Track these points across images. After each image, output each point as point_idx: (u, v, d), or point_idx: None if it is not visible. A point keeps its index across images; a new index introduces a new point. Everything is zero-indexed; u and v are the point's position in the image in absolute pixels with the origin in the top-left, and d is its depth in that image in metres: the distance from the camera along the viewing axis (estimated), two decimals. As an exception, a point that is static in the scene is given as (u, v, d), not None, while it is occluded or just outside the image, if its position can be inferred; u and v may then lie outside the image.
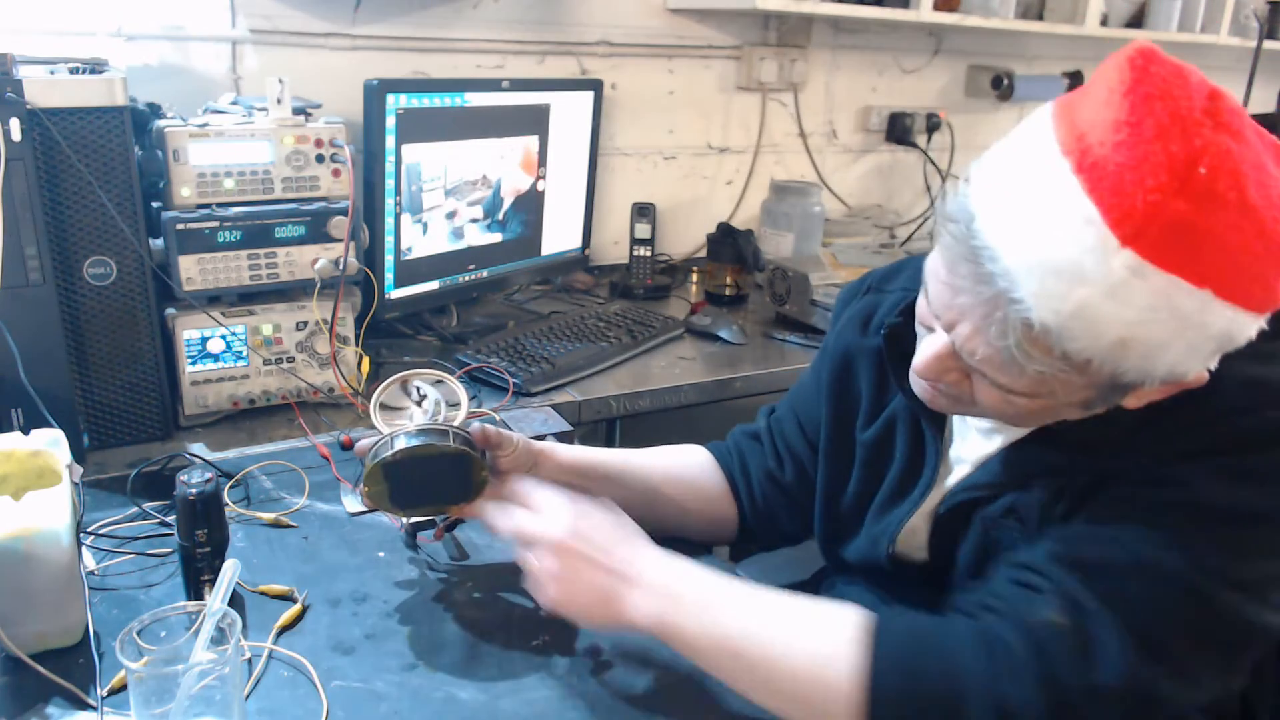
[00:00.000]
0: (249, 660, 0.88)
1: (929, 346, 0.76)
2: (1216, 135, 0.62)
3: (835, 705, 0.74)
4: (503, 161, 1.81)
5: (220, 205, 1.32)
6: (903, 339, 0.88)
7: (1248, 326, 0.66)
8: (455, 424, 0.92)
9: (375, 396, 0.95)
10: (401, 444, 0.88)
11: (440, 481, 0.89)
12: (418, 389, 0.95)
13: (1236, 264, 0.63)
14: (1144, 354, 0.65)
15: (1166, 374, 0.67)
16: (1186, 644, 0.71)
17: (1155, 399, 0.72)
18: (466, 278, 1.82)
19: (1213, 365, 0.69)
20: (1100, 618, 0.70)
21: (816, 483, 1.04)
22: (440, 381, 0.99)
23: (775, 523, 1.09)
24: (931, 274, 0.74)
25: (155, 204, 1.30)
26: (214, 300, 1.36)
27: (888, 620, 0.77)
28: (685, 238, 2.40)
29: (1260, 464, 0.70)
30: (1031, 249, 0.64)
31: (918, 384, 0.83)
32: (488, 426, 0.93)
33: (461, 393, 0.97)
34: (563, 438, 1.25)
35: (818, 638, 0.77)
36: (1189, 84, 0.64)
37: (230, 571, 0.80)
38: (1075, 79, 2.67)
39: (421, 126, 1.61)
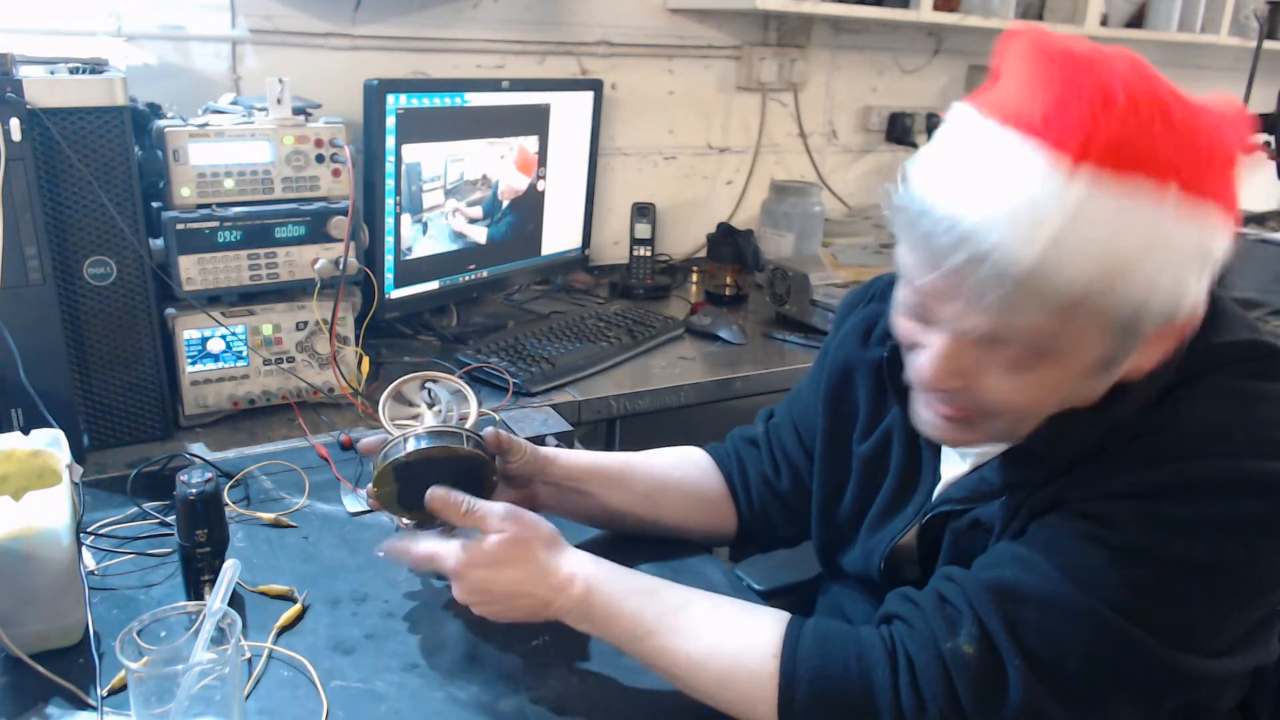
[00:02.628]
0: (249, 660, 0.88)
1: (930, 353, 0.72)
2: (1119, 66, 0.64)
3: (757, 707, 0.77)
4: (503, 162, 1.81)
5: (220, 205, 1.31)
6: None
7: (1217, 233, 0.66)
8: (467, 426, 0.92)
9: (384, 398, 0.94)
10: (414, 445, 0.87)
11: (451, 484, 0.89)
12: (429, 390, 0.95)
13: (1187, 161, 0.63)
14: (1124, 274, 0.63)
15: (1162, 305, 0.65)
16: (1094, 679, 0.70)
17: (1164, 351, 0.70)
18: (466, 278, 1.82)
19: (1203, 288, 0.67)
20: (1008, 651, 0.70)
21: (813, 492, 1.04)
22: (451, 387, 0.99)
23: (772, 527, 1.09)
24: (901, 283, 0.74)
25: (155, 204, 1.30)
26: (214, 300, 1.36)
27: (803, 625, 0.79)
28: (685, 238, 2.40)
29: (1190, 515, 0.69)
30: (987, 202, 0.64)
31: (923, 417, 0.80)
32: (500, 431, 0.93)
33: (472, 397, 0.97)
34: (563, 438, 1.25)
35: (738, 639, 0.80)
36: (1081, 41, 0.66)
37: (230, 571, 0.80)
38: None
39: (421, 126, 1.61)
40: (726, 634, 0.81)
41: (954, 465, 0.90)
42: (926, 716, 0.71)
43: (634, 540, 1.11)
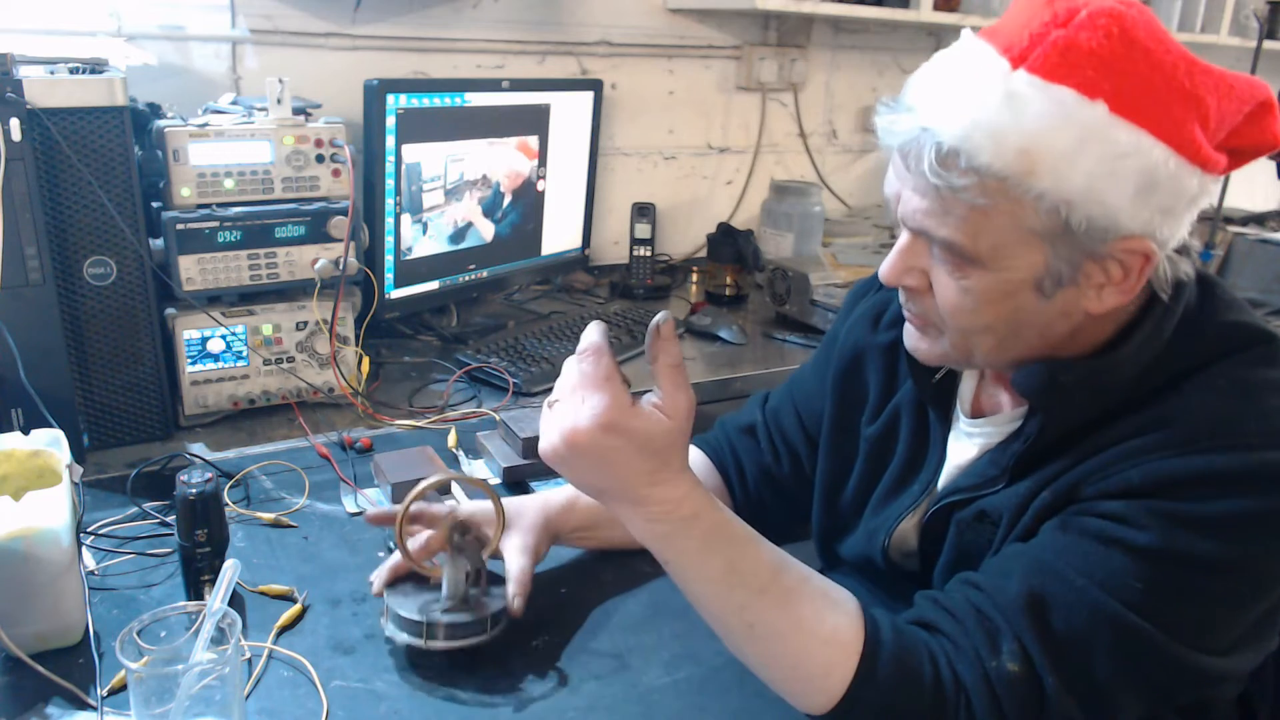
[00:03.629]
0: (249, 660, 0.88)
1: (893, 250, 0.80)
2: (1107, 4, 0.69)
3: (817, 694, 0.75)
4: (502, 161, 1.81)
5: (220, 205, 1.32)
6: None
7: (1166, 163, 0.68)
8: (487, 553, 0.91)
9: (399, 518, 0.88)
10: (440, 643, 0.86)
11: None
12: (455, 538, 0.88)
13: (1128, 82, 0.68)
14: (1053, 169, 0.67)
15: (1086, 212, 0.68)
16: (1114, 681, 0.72)
17: (1123, 292, 0.73)
18: (466, 278, 1.82)
19: (1155, 226, 0.70)
20: (1043, 667, 0.71)
21: (815, 477, 1.04)
22: (473, 491, 0.94)
23: (764, 515, 1.08)
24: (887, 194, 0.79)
25: (155, 204, 1.30)
26: (214, 300, 1.36)
27: (881, 633, 0.76)
28: (685, 238, 2.40)
29: (1209, 512, 0.70)
30: (936, 88, 0.72)
31: (905, 331, 0.86)
32: (519, 600, 0.90)
33: (496, 503, 0.93)
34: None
35: (823, 622, 0.76)
36: None
37: (230, 571, 0.80)
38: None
39: (421, 126, 1.61)
40: (813, 612, 0.76)
41: (962, 447, 0.90)
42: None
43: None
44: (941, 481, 0.91)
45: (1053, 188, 0.68)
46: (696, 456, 1.12)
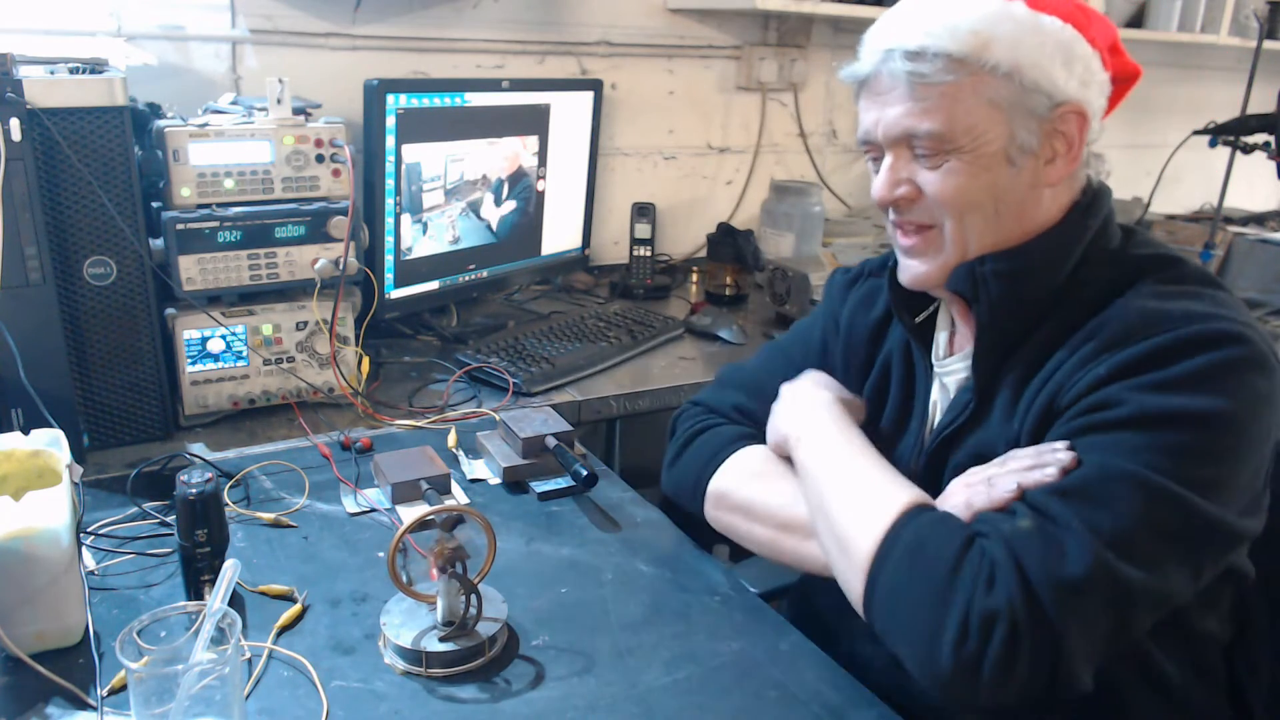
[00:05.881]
0: (249, 660, 0.88)
1: (881, 171, 0.92)
2: None
3: (853, 574, 0.85)
4: (502, 161, 1.81)
5: (220, 205, 1.32)
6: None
7: (1078, 42, 0.87)
8: (478, 577, 0.91)
9: (391, 549, 0.88)
10: (439, 670, 0.88)
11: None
12: (449, 572, 0.89)
13: None
14: (1001, 44, 0.84)
15: (1032, 78, 0.85)
16: (1146, 536, 0.76)
17: (1066, 162, 0.88)
18: (466, 278, 1.82)
19: (1080, 94, 0.87)
20: (1064, 518, 0.76)
21: None
22: (470, 523, 0.94)
23: None
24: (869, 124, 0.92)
25: (155, 204, 1.30)
26: (214, 300, 1.36)
27: (914, 516, 0.84)
28: (685, 238, 2.40)
29: (1171, 374, 0.79)
30: (892, 18, 0.90)
31: (901, 264, 0.96)
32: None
33: (489, 534, 0.93)
34: (562, 438, 1.25)
35: (866, 509, 0.87)
36: None
37: (230, 571, 0.80)
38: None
39: (421, 126, 1.62)
40: (863, 500, 0.88)
41: (940, 388, 0.99)
42: (995, 590, 0.75)
43: (632, 541, 1.11)
44: (931, 425, 0.99)
45: (1004, 58, 0.84)
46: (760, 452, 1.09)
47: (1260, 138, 2.19)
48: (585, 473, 1.18)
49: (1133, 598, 0.75)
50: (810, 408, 1.02)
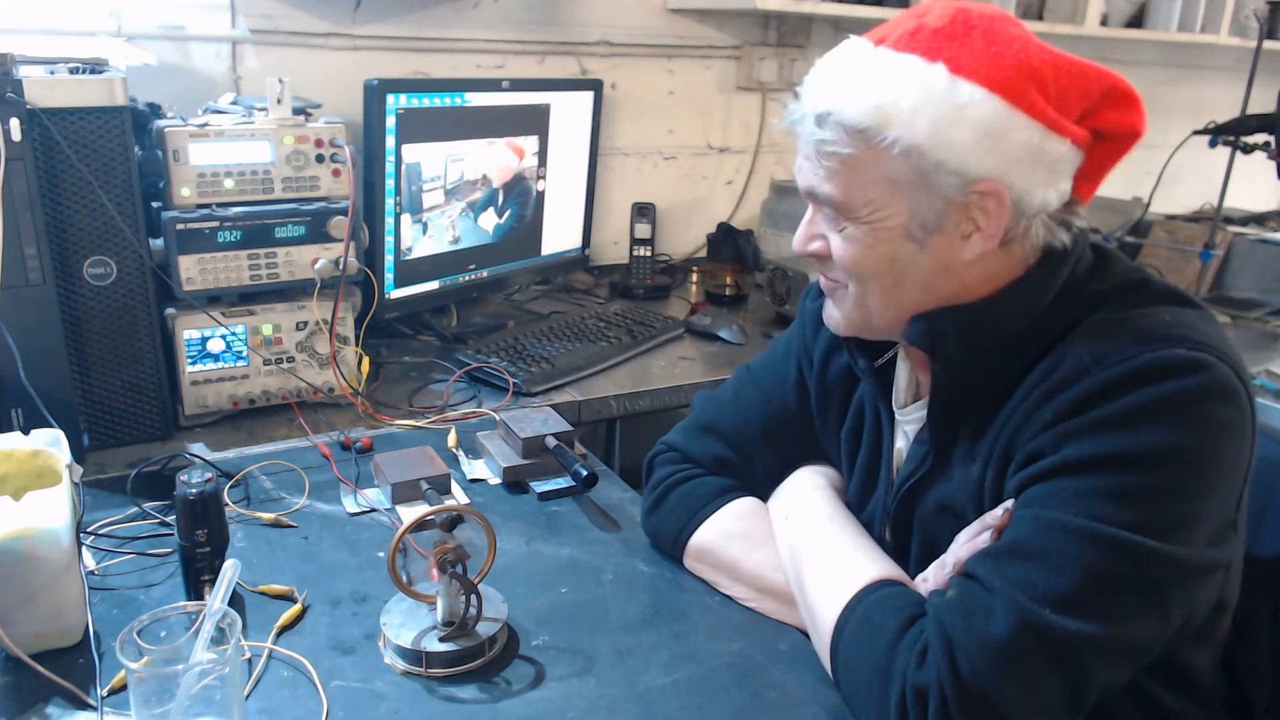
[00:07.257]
0: (249, 660, 0.88)
1: (801, 224, 0.90)
2: (974, 7, 0.82)
3: (820, 645, 0.88)
4: (502, 162, 1.81)
5: (220, 205, 1.32)
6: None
7: (1007, 115, 0.78)
8: (479, 578, 0.91)
9: (391, 550, 0.88)
10: (439, 670, 0.88)
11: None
12: (448, 565, 0.89)
13: (965, 49, 0.79)
14: (903, 119, 0.78)
15: (936, 157, 0.78)
16: (1092, 588, 0.72)
17: (986, 239, 0.81)
18: (466, 278, 1.82)
19: (1004, 172, 0.79)
20: (989, 580, 0.75)
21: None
22: (472, 523, 0.94)
23: None
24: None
25: (155, 204, 1.30)
26: (214, 300, 1.36)
27: (872, 591, 0.85)
28: (685, 238, 2.40)
29: (1109, 412, 0.75)
30: (817, 74, 0.85)
31: (824, 314, 0.94)
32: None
33: (489, 535, 0.93)
34: (562, 438, 1.25)
35: (834, 583, 0.88)
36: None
37: (230, 571, 0.80)
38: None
39: (421, 126, 1.61)
40: (832, 575, 0.90)
41: (900, 438, 0.97)
42: (926, 666, 0.75)
43: (632, 541, 1.11)
44: (898, 465, 0.97)
45: (904, 135, 0.78)
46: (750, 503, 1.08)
47: (1260, 138, 2.18)
48: (585, 473, 1.18)
49: (1081, 653, 0.72)
50: (806, 490, 1.03)
